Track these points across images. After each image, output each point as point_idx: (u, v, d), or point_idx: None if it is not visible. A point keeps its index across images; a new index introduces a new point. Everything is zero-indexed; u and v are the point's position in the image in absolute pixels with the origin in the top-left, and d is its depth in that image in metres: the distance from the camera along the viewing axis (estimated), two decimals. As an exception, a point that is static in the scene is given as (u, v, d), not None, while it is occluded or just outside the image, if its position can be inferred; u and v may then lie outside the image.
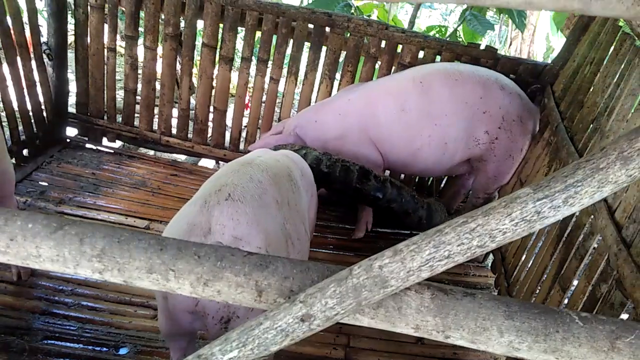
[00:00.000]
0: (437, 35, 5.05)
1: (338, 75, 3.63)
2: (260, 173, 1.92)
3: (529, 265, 2.64)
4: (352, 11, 4.74)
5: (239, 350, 0.93)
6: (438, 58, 3.48)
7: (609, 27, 2.67)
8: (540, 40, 8.56)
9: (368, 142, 3.09)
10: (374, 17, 5.00)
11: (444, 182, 3.86)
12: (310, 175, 2.49)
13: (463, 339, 1.02)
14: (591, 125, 2.45)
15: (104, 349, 2.38)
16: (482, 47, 3.45)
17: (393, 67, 3.51)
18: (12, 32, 3.25)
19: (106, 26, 3.60)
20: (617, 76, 2.35)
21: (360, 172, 2.83)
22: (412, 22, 5.15)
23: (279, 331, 0.93)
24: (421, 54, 3.46)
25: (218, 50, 3.57)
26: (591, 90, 2.62)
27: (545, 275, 2.38)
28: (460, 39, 5.12)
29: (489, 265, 3.31)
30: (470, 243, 0.89)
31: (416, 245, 0.91)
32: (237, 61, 3.72)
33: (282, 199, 1.94)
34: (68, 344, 2.36)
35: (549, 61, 3.41)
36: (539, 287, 2.42)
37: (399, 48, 3.47)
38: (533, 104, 3.18)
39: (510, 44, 8.59)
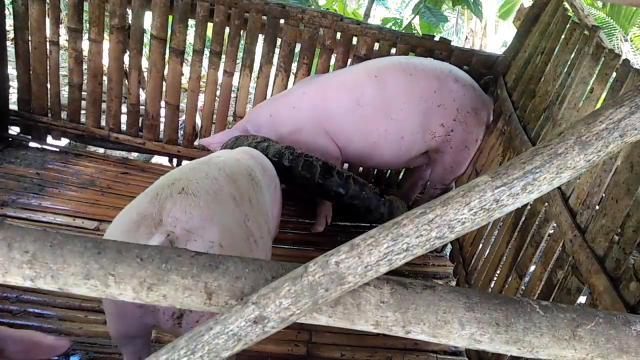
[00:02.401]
0: (392, 28, 5.05)
1: (294, 68, 3.57)
2: (216, 171, 1.88)
3: (486, 254, 2.67)
4: (310, 3, 4.68)
5: (188, 359, 0.86)
6: (393, 50, 3.46)
7: (559, 17, 2.71)
8: (492, 34, 8.78)
9: (324, 135, 3.05)
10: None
11: (402, 174, 3.86)
12: (272, 170, 2.44)
13: (424, 334, 0.98)
14: (543, 114, 2.48)
15: (54, 357, 2.26)
16: (437, 39, 3.46)
17: (349, 60, 3.48)
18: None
19: (48, 18, 3.41)
20: (568, 65, 2.39)
21: (323, 167, 2.78)
22: (367, 15, 5.14)
23: (231, 335, 0.87)
24: (377, 46, 3.44)
25: (168, 42, 3.44)
26: (543, 79, 2.66)
27: (502, 263, 2.40)
28: (415, 32, 5.15)
29: (448, 254, 3.34)
30: (429, 234, 0.85)
31: (373, 238, 0.87)
32: (190, 54, 3.60)
33: (242, 197, 1.89)
34: (13, 355, 2.23)
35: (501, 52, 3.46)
36: (497, 275, 2.44)
37: (355, 40, 3.44)
38: (486, 95, 3.22)
39: (467, 38, 8.75)
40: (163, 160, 3.99)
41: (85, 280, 0.89)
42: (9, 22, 3.60)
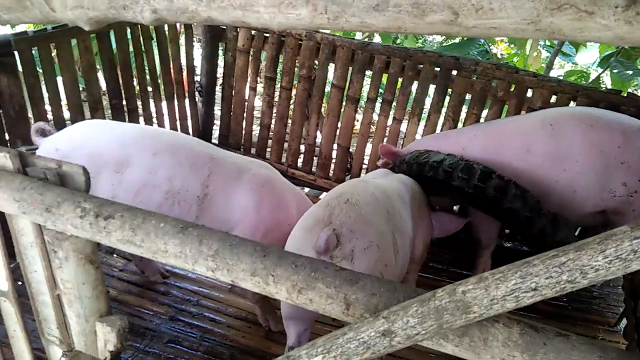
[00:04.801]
0: (577, 81, 4.79)
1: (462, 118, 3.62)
2: (374, 188, 2.23)
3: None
4: (488, 57, 4.70)
5: (323, 356, 0.99)
6: (573, 104, 3.31)
7: None
8: None
9: None
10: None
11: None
12: (421, 195, 2.67)
13: (554, 382, 0.98)
14: None
15: (219, 361, 2.57)
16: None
17: (522, 112, 3.41)
18: (172, 71, 3.77)
19: (250, 68, 4.00)
20: None
21: (483, 169, 2.75)
22: (549, 67, 4.96)
23: (361, 343, 0.98)
24: (554, 99, 3.32)
25: (346, 91, 3.77)
26: None
27: (685, 346, 2.10)
28: (604, 86, 4.81)
29: (622, 330, 2.99)
30: (560, 277, 0.87)
31: (502, 274, 0.91)
32: (363, 101, 3.89)
33: (393, 211, 2.18)
34: (188, 350, 2.60)
35: None
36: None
37: (529, 92, 3.37)
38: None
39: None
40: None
41: (251, 277, 1.09)
42: (220, 71, 4.29)
